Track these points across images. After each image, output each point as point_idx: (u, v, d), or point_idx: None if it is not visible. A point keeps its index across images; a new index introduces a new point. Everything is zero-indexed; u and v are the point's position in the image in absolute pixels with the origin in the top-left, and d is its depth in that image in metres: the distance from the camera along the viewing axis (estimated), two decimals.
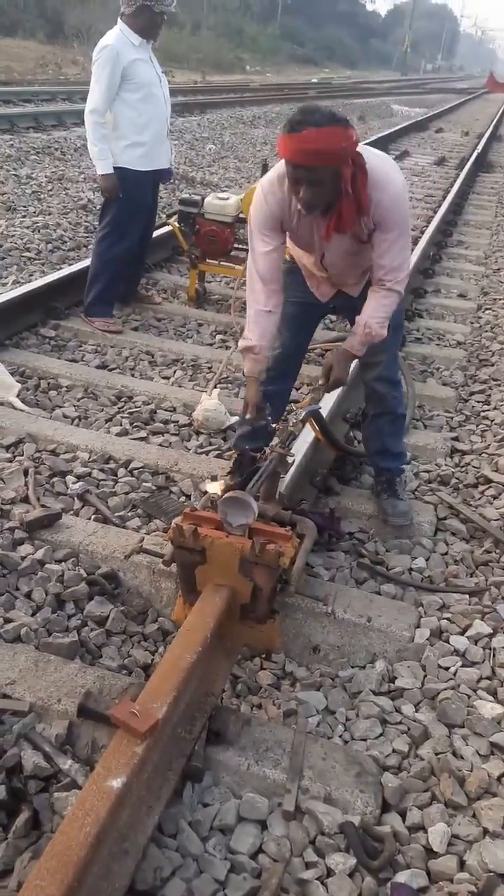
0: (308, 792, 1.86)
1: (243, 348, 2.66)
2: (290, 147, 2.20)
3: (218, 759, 1.92)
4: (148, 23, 4.22)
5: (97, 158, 4.33)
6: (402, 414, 3.05)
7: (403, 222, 2.47)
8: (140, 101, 4.28)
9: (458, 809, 1.86)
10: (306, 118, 2.17)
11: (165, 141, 4.52)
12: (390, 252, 2.48)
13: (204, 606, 2.12)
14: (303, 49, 55.45)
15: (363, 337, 2.58)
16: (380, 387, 2.89)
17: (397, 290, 2.56)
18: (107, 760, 1.63)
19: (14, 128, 10.90)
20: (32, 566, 2.53)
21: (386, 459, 3.04)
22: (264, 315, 2.62)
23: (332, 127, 2.17)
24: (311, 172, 2.24)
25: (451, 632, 2.44)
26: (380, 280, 2.54)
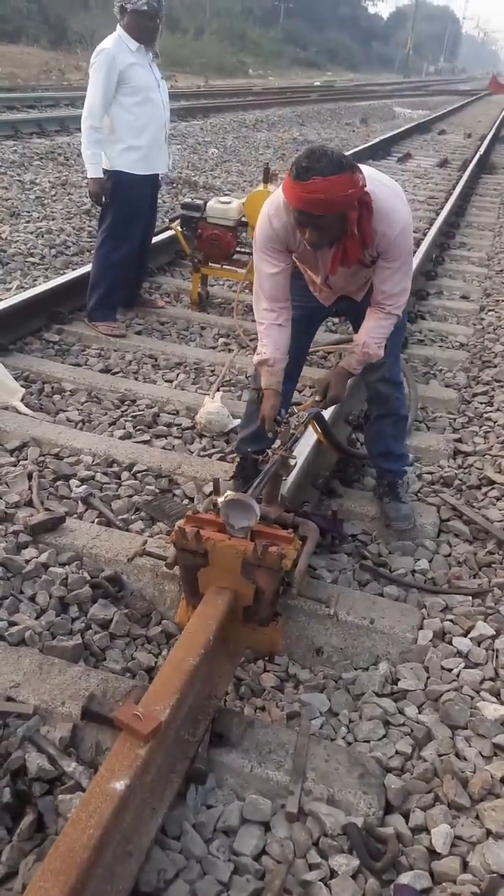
0: (311, 794, 1.86)
1: (258, 362, 2.68)
2: (296, 195, 2.20)
3: (221, 762, 1.93)
4: (133, 24, 4.21)
5: (87, 162, 4.37)
6: (404, 415, 3.06)
7: (407, 253, 2.48)
8: (136, 106, 4.30)
9: (461, 811, 1.86)
10: (313, 165, 2.15)
11: (163, 146, 4.53)
12: (392, 279, 2.51)
13: (206, 609, 2.13)
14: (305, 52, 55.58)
15: (361, 356, 2.62)
16: (383, 388, 2.89)
17: (396, 314, 2.59)
18: (110, 763, 1.63)
19: (18, 133, 10.95)
20: (36, 569, 2.54)
21: (389, 461, 3.04)
22: (276, 328, 2.65)
23: (338, 175, 2.15)
24: (316, 219, 2.25)
25: (454, 633, 2.45)
26: (379, 303, 2.57)
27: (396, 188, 2.50)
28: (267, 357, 2.65)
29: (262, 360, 2.66)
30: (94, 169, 4.35)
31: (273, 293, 2.65)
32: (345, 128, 17.46)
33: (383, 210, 2.35)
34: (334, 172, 2.15)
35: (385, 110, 23.33)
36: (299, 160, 2.19)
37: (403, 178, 11.34)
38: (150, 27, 4.29)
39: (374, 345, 2.59)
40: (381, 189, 2.39)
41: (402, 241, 2.43)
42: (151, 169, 4.49)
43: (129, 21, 4.22)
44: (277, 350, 2.65)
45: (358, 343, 2.61)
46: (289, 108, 19.90)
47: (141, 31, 4.26)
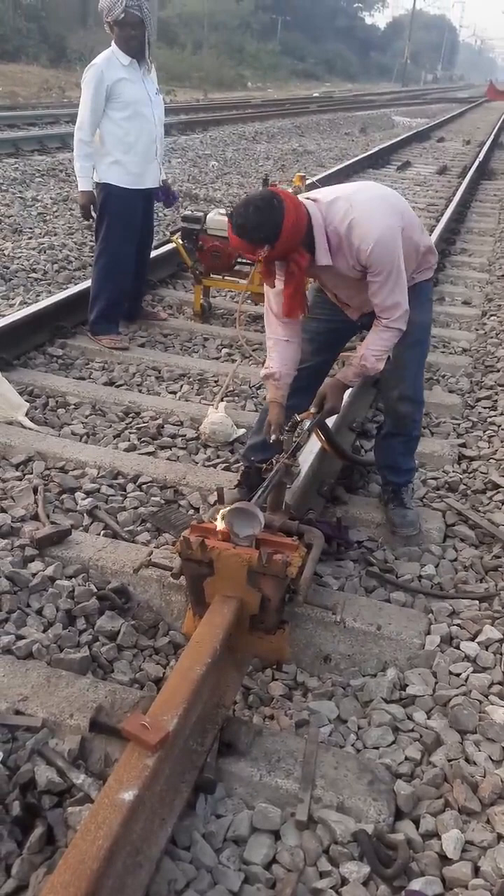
0: (321, 801, 1.86)
1: (264, 375, 2.72)
2: (248, 252, 2.35)
3: (230, 771, 1.93)
4: (119, 38, 4.24)
5: (77, 175, 4.45)
6: (416, 437, 3.03)
7: (391, 265, 2.46)
8: (125, 120, 4.33)
9: (471, 815, 1.85)
10: (239, 226, 2.29)
11: (154, 161, 4.55)
12: (381, 293, 2.51)
13: (213, 618, 2.13)
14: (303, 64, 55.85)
15: (358, 369, 2.61)
16: (402, 407, 2.87)
17: (395, 327, 2.57)
18: (119, 773, 1.63)
19: (19, 151, 11.04)
20: (43, 583, 2.55)
21: (394, 474, 3.04)
22: (283, 344, 2.68)
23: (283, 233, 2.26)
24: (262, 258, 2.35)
25: (462, 638, 2.44)
26: (377, 316, 2.59)
27: (380, 203, 2.51)
28: (273, 371, 2.68)
29: (269, 374, 2.70)
30: (84, 182, 4.42)
31: (279, 308, 2.65)
32: (344, 138, 17.54)
33: (358, 223, 2.39)
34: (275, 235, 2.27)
35: (384, 119, 23.43)
36: (236, 219, 2.31)
37: (403, 187, 11.38)
38: (135, 36, 4.26)
39: (373, 358, 2.58)
40: (360, 205, 2.43)
41: (380, 255, 2.42)
42: (141, 183, 4.51)
43: (117, 34, 4.26)
44: (284, 365, 2.68)
45: (357, 356, 2.62)
46: (288, 119, 19.99)
47: (127, 41, 4.26)
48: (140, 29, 4.25)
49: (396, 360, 2.70)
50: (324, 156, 13.94)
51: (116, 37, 4.27)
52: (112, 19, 4.18)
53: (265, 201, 2.28)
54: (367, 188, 2.57)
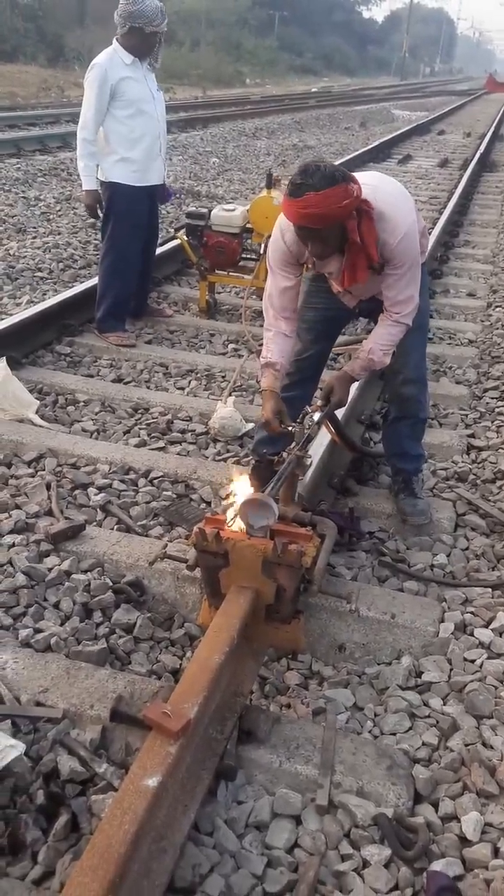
0: (340, 786, 1.88)
1: (265, 363, 2.73)
2: (293, 211, 2.29)
3: (250, 758, 1.95)
4: (140, 43, 4.29)
5: (81, 174, 4.46)
6: (423, 419, 3.06)
7: (412, 260, 2.51)
8: (130, 118, 4.36)
9: (490, 798, 1.87)
10: (305, 181, 2.23)
11: (158, 158, 4.57)
12: (397, 286, 2.55)
13: (229, 608, 2.16)
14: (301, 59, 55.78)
15: (365, 363, 2.66)
16: (406, 389, 2.90)
17: (404, 322, 2.61)
18: (142, 760, 1.66)
19: (21, 151, 11.07)
20: (59, 577, 2.57)
21: (403, 461, 3.06)
22: (282, 337, 2.71)
23: (331, 188, 2.22)
24: (315, 232, 2.33)
25: (476, 625, 2.46)
26: (387, 310, 2.61)
27: (402, 196, 2.54)
28: (274, 361, 2.70)
29: (270, 363, 2.71)
30: (88, 181, 4.44)
31: (282, 304, 2.72)
32: (344, 132, 17.53)
33: (384, 219, 2.40)
34: (327, 186, 2.21)
35: (384, 113, 23.40)
36: (293, 178, 2.27)
37: (405, 180, 11.36)
38: (155, 44, 4.39)
39: (380, 352, 2.63)
40: (385, 197, 2.45)
41: (404, 249, 2.46)
42: (146, 181, 4.53)
43: (142, 40, 4.28)
44: (283, 356, 2.71)
45: (364, 349, 2.65)
46: (287, 114, 19.98)
47: (146, 47, 4.35)
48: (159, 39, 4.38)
49: (400, 346, 2.72)
50: (324, 150, 13.94)
51: (138, 42, 4.29)
52: (153, 30, 4.24)
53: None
54: (386, 181, 2.58)
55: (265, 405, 2.69)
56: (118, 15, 4.27)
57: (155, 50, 4.40)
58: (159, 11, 4.25)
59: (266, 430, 2.74)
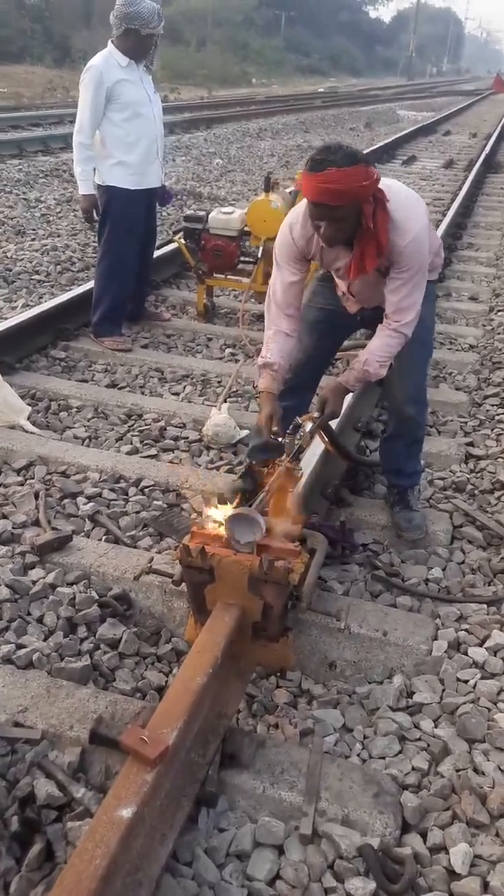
0: (325, 814, 1.81)
1: (262, 364, 2.67)
2: (312, 185, 2.24)
3: (233, 783, 1.89)
4: (136, 45, 4.24)
5: (78, 179, 4.42)
6: (419, 439, 3.01)
7: (418, 265, 2.46)
8: (126, 121, 4.30)
9: (480, 828, 1.80)
10: (328, 157, 2.21)
11: (155, 160, 4.52)
12: (401, 290, 2.50)
13: (214, 626, 2.09)
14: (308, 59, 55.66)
15: (360, 374, 2.60)
16: (408, 409, 2.83)
17: (404, 332, 2.55)
18: (117, 789, 1.60)
19: (23, 152, 11.03)
20: (44, 590, 2.51)
21: (399, 478, 3.00)
22: (283, 336, 2.66)
23: (353, 167, 2.21)
24: (332, 210, 2.28)
25: (470, 643, 2.39)
26: (388, 317, 2.56)
27: (415, 200, 2.51)
28: (273, 361, 2.64)
29: (267, 364, 2.65)
30: (85, 185, 4.39)
31: (286, 300, 2.67)
32: (349, 133, 17.45)
33: (397, 219, 2.37)
34: (349, 164, 2.20)
35: (389, 114, 23.30)
36: (314, 154, 2.26)
37: (409, 181, 11.28)
38: (150, 46, 4.35)
39: (377, 363, 2.57)
40: (397, 198, 2.41)
41: (412, 252, 2.42)
42: (144, 184, 4.48)
43: (138, 42, 4.23)
44: (283, 357, 2.65)
45: (360, 360, 2.60)
46: (292, 115, 19.92)
47: (142, 50, 4.31)
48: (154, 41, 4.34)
49: (403, 361, 2.67)
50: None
51: (134, 44, 4.24)
52: (148, 32, 4.20)
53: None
54: (399, 184, 2.54)
55: (262, 407, 2.64)
56: (114, 16, 4.22)
57: (151, 52, 4.35)
58: (156, 13, 4.21)
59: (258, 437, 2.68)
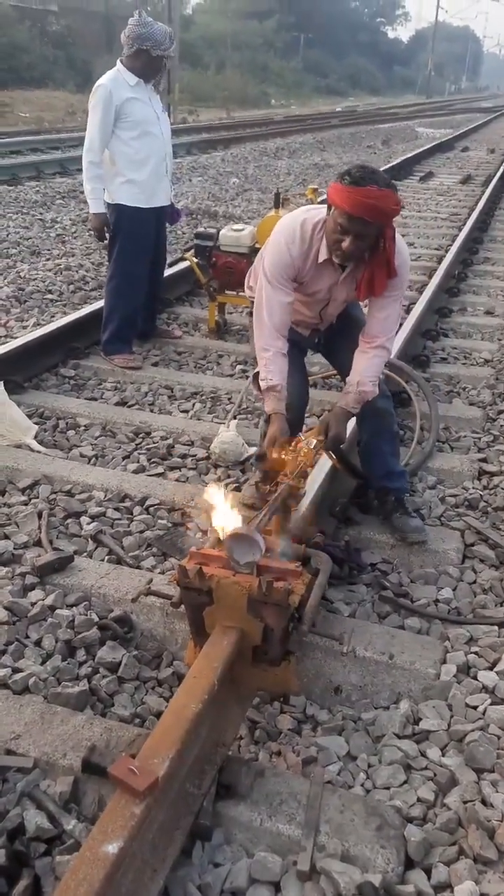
0: (324, 849, 1.73)
1: (266, 388, 2.70)
2: (354, 200, 2.37)
3: (229, 815, 1.81)
4: (146, 65, 4.26)
5: (88, 197, 4.44)
6: (396, 431, 3.06)
7: (406, 284, 2.73)
8: (135, 139, 4.31)
9: (487, 865, 1.71)
10: (368, 176, 2.38)
11: (164, 178, 4.52)
12: (388, 308, 2.69)
13: (211, 650, 2.02)
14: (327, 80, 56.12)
15: (357, 396, 2.70)
16: (380, 402, 2.84)
17: (388, 347, 2.74)
18: (103, 823, 1.53)
19: (41, 174, 11.15)
20: (43, 612, 2.46)
21: (392, 480, 2.96)
22: (281, 357, 2.72)
23: (389, 190, 2.40)
24: (364, 227, 2.42)
25: (479, 667, 2.30)
26: (373, 336, 2.70)
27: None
28: (275, 383, 2.69)
29: (271, 387, 2.69)
30: (96, 204, 4.39)
31: (282, 321, 2.72)
32: (366, 150, 17.47)
33: (398, 246, 2.57)
34: (386, 186, 2.40)
35: (407, 131, 23.32)
36: (352, 170, 2.42)
37: (426, 197, 11.26)
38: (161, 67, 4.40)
39: (370, 383, 2.70)
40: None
41: (404, 274, 2.66)
42: (153, 202, 4.47)
43: (148, 63, 4.25)
44: (283, 377, 2.70)
45: (352, 383, 2.71)
46: (310, 134, 20.02)
47: (152, 70, 4.33)
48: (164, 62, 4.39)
49: None
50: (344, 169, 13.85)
51: (144, 64, 4.26)
52: (160, 53, 4.22)
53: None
54: None
55: (272, 428, 2.66)
56: (125, 36, 4.23)
57: (160, 73, 4.37)
58: (168, 36, 4.22)
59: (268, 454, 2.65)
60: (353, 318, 2.97)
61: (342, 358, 2.91)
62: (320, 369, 4.33)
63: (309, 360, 3.47)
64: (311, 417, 3.81)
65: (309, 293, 2.74)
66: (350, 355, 2.76)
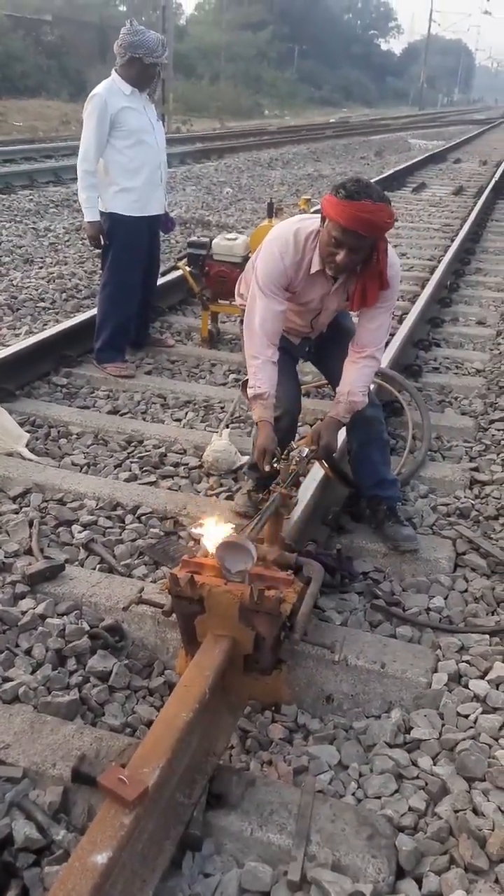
0: (315, 859, 1.72)
1: (254, 396, 2.70)
2: (348, 213, 2.38)
3: (220, 825, 1.81)
4: (139, 74, 4.27)
5: (83, 206, 4.43)
6: (387, 440, 3.07)
7: (394, 299, 2.74)
8: (129, 148, 4.32)
9: (478, 874, 1.71)
10: (363, 190, 2.39)
11: (158, 187, 4.53)
12: (379, 318, 2.70)
13: (202, 659, 2.02)
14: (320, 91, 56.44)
15: (348, 405, 2.72)
16: (369, 411, 2.84)
17: (378, 357, 2.76)
18: (92, 833, 1.52)
19: (34, 183, 11.17)
20: (33, 621, 2.45)
21: (383, 489, 2.96)
22: (270, 365, 2.71)
23: (383, 203, 2.40)
24: (358, 240, 2.43)
25: (471, 676, 2.30)
26: (363, 346, 2.72)
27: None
28: (263, 391, 2.66)
29: (258, 395, 2.68)
30: (91, 213, 4.39)
31: (274, 329, 2.71)
32: (359, 161, 17.56)
33: (390, 259, 2.59)
34: (381, 200, 2.41)
35: (400, 143, 23.44)
36: (346, 184, 2.42)
37: (418, 208, 11.32)
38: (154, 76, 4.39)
39: (360, 393, 2.70)
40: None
41: (395, 285, 2.68)
42: (147, 210, 4.48)
43: (141, 71, 4.26)
44: (272, 386, 2.68)
45: (342, 393, 2.72)
46: (303, 145, 20.11)
47: (145, 78, 4.34)
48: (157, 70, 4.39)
49: None
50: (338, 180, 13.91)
51: (137, 73, 4.27)
52: (152, 61, 4.22)
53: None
54: None
55: (261, 436, 2.65)
56: (118, 45, 4.25)
57: (154, 81, 4.39)
58: (160, 43, 4.24)
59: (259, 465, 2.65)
60: (343, 327, 2.97)
61: (332, 367, 2.91)
62: (313, 378, 4.34)
63: (301, 370, 3.48)
64: (304, 426, 3.82)
65: (301, 303, 2.75)
66: (340, 364, 2.77)
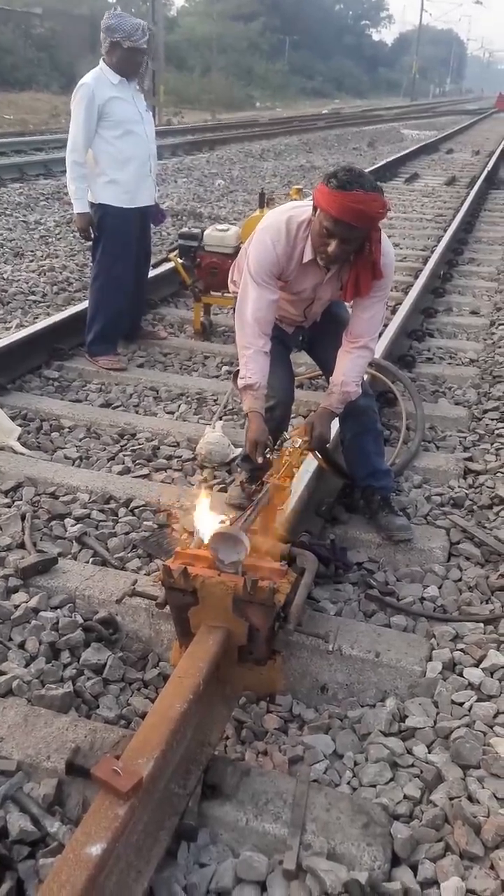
0: (310, 848, 1.72)
1: (244, 386, 2.66)
2: (340, 204, 2.34)
3: (215, 815, 1.81)
4: (121, 60, 4.23)
5: (73, 197, 4.40)
6: (380, 430, 3.06)
7: (388, 289, 2.71)
8: (118, 139, 4.29)
9: (473, 861, 1.71)
10: (355, 179, 2.34)
11: (148, 178, 4.50)
12: (372, 308, 2.67)
13: (196, 650, 2.02)
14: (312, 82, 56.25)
15: (341, 396, 2.70)
16: (361, 401, 2.83)
17: (372, 347, 2.75)
18: (87, 824, 1.52)
19: (24, 176, 11.11)
20: (26, 614, 2.44)
21: (377, 479, 2.96)
22: (262, 355, 2.67)
23: (375, 193, 2.36)
24: (350, 231, 2.40)
25: (465, 664, 2.30)
26: (357, 336, 2.69)
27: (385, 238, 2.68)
28: (253, 382, 2.63)
29: (249, 385, 2.64)
30: (80, 204, 4.36)
31: (267, 318, 2.68)
32: (352, 152, 17.52)
33: (383, 241, 2.56)
34: (373, 190, 2.36)
35: (392, 133, 23.40)
36: (338, 173, 2.37)
37: (411, 198, 11.30)
38: (141, 62, 4.35)
39: (353, 383, 2.68)
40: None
41: (389, 274, 2.65)
42: (136, 202, 4.46)
43: (123, 57, 4.22)
44: (263, 376, 2.65)
45: (336, 383, 2.70)
46: (295, 136, 20.03)
47: (134, 66, 4.30)
48: (146, 56, 4.36)
49: None
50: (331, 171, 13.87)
51: (121, 59, 4.23)
52: (131, 45, 4.17)
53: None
54: None
55: (252, 428, 2.62)
56: (101, 31, 4.22)
57: (142, 70, 4.35)
58: (139, 28, 4.18)
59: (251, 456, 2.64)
60: (337, 316, 2.96)
61: (326, 356, 2.90)
62: (306, 369, 4.33)
63: (294, 361, 3.46)
64: (297, 418, 3.81)
65: (293, 292, 2.73)
66: (334, 353, 2.75)
